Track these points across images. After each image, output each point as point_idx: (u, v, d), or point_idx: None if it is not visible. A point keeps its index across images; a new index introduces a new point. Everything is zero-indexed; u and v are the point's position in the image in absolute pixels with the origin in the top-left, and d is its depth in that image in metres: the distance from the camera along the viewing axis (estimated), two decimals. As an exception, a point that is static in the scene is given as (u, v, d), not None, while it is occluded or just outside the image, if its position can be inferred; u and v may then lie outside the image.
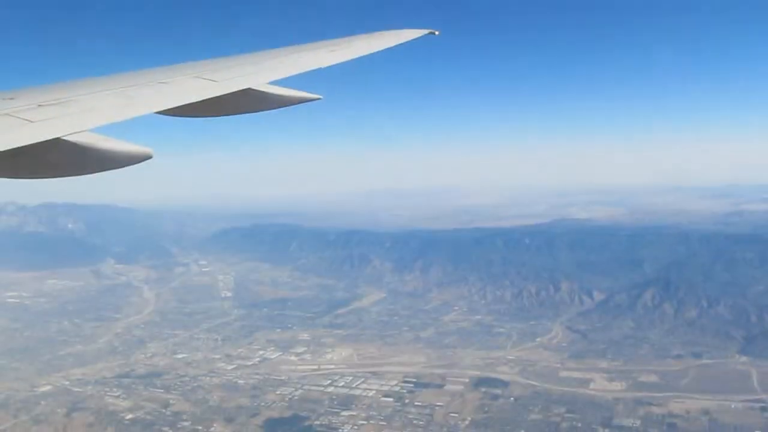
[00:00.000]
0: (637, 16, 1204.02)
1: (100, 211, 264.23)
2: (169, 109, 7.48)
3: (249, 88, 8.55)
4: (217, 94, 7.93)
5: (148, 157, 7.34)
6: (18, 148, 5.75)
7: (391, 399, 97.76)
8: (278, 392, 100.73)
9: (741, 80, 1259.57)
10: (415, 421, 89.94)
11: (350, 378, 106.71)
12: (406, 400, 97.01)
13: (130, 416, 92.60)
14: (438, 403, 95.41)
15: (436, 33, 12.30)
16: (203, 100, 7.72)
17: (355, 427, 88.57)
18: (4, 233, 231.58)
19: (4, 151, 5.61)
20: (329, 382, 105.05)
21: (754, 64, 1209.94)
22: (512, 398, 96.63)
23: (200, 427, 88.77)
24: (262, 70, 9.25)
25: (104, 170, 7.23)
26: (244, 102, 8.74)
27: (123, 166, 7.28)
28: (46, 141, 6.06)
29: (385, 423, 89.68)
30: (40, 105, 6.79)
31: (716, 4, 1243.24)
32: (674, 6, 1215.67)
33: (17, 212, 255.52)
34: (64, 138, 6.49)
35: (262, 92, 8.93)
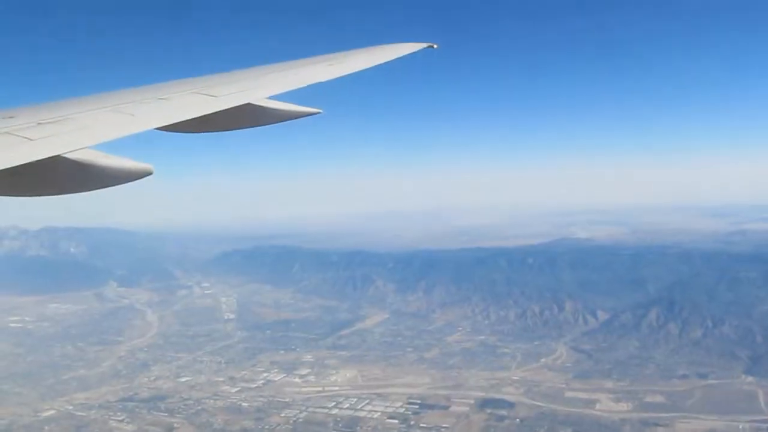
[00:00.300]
0: (640, 36, 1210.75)
1: (101, 234, 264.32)
2: (168, 125, 7.48)
3: (248, 103, 8.57)
4: (217, 110, 7.94)
5: (148, 174, 7.33)
6: (18, 166, 5.74)
7: (396, 421, 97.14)
8: (283, 415, 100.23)
9: (742, 100, 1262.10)
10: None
11: (355, 400, 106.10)
12: (412, 422, 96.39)
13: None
14: (443, 425, 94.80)
15: (435, 47, 12.25)
16: (203, 115, 7.73)
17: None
18: (6, 257, 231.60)
19: (4, 170, 5.60)
20: (334, 404, 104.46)
21: (756, 83, 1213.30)
22: (518, 419, 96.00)
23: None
24: (261, 85, 9.26)
25: (104, 187, 7.21)
26: (244, 117, 8.76)
27: (123, 183, 7.27)
28: (46, 158, 6.05)
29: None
30: (39, 123, 6.79)
31: (714, 26, 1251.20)
32: (674, 27, 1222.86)
33: (19, 236, 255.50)
34: (63, 155, 6.48)
35: (262, 107, 8.95)
